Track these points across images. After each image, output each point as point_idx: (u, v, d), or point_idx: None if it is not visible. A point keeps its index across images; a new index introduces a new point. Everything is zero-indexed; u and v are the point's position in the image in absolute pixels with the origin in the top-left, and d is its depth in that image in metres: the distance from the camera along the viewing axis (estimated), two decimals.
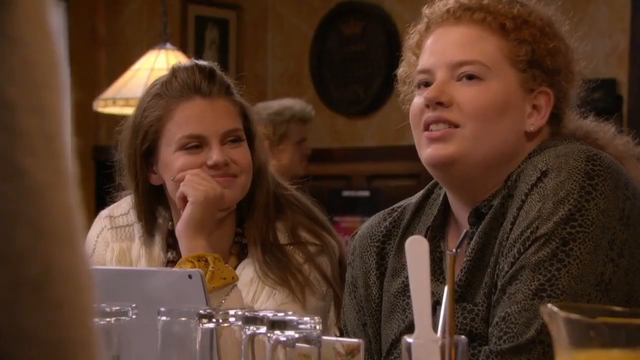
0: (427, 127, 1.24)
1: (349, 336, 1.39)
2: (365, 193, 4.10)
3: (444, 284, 1.24)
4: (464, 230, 1.21)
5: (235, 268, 1.59)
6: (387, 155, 4.04)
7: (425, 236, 1.30)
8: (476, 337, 1.19)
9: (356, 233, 1.41)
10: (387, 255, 1.35)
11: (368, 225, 1.40)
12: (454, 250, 0.87)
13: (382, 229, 1.37)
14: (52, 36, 0.41)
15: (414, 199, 1.38)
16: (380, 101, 4.12)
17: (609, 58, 3.63)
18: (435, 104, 1.23)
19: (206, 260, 1.50)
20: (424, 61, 1.27)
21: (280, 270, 1.56)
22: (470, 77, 1.23)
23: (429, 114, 1.23)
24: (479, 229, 1.23)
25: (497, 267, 1.18)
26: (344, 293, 1.42)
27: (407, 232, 1.34)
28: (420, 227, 1.33)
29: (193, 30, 4.27)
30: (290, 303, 1.54)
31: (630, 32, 3.62)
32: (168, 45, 3.20)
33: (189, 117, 1.58)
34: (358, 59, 4.23)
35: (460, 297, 1.22)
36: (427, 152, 1.24)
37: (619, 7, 3.66)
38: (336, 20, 4.28)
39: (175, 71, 1.62)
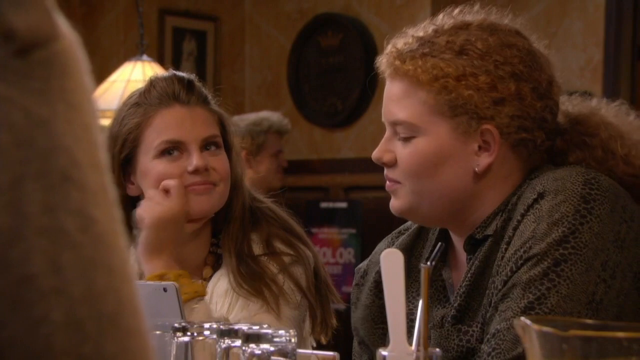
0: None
1: (355, 349, 1.40)
2: (343, 204, 4.11)
3: (447, 309, 1.26)
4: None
5: (210, 278, 1.59)
6: (365, 166, 4.05)
7: (426, 263, 1.31)
8: (472, 357, 1.20)
9: (368, 258, 1.43)
10: None
11: (377, 249, 1.41)
12: (428, 263, 0.87)
13: None
14: (94, 100, 0.47)
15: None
16: (358, 113, 4.14)
17: (583, 71, 3.66)
18: (380, 163, 1.28)
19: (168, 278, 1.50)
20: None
21: (254, 281, 1.55)
22: (403, 137, 1.25)
23: (385, 171, 1.29)
24: (480, 254, 1.23)
25: (493, 286, 1.19)
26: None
27: (412, 256, 1.35)
28: (424, 253, 1.35)
29: (170, 41, 4.26)
30: (264, 313, 1.53)
31: (604, 45, 3.66)
32: (145, 56, 3.19)
33: (168, 123, 1.57)
34: (336, 71, 4.24)
35: (458, 320, 1.23)
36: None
37: (592, 20, 3.71)
38: (314, 32, 4.29)
39: (153, 81, 1.62)
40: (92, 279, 0.44)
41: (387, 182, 1.28)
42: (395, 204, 1.27)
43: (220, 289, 1.56)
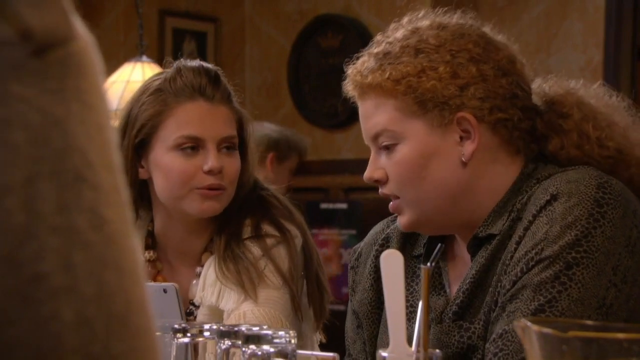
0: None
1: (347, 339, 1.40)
2: (343, 205, 4.11)
3: (444, 298, 1.26)
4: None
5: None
6: (365, 167, 4.04)
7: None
8: (472, 354, 1.20)
9: (363, 240, 1.43)
10: None
11: (372, 232, 1.42)
12: (428, 264, 0.87)
13: (384, 235, 1.39)
14: (107, 100, 0.48)
15: None
16: (358, 114, 4.13)
17: (583, 72, 3.66)
18: (373, 182, 1.29)
19: None
20: None
21: (235, 266, 1.55)
22: (387, 146, 1.26)
23: (380, 190, 1.29)
24: (486, 253, 1.23)
25: (499, 284, 1.19)
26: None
27: (407, 242, 1.35)
28: (420, 240, 1.35)
29: (170, 42, 4.26)
30: (244, 302, 1.52)
31: (604, 46, 3.66)
32: (144, 57, 3.19)
33: (190, 118, 1.56)
34: (336, 71, 4.21)
35: (459, 316, 1.23)
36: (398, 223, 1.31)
37: (592, 21, 3.71)
38: (314, 33, 4.29)
39: (180, 70, 1.60)
40: (102, 279, 0.44)
41: (391, 203, 1.28)
42: (403, 221, 1.27)
43: (210, 278, 1.57)
